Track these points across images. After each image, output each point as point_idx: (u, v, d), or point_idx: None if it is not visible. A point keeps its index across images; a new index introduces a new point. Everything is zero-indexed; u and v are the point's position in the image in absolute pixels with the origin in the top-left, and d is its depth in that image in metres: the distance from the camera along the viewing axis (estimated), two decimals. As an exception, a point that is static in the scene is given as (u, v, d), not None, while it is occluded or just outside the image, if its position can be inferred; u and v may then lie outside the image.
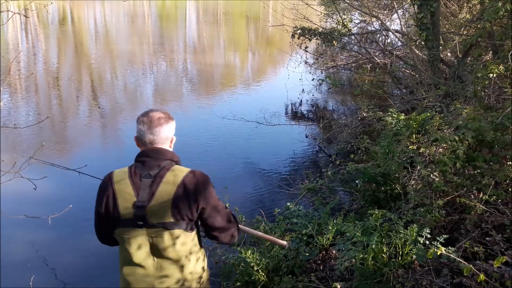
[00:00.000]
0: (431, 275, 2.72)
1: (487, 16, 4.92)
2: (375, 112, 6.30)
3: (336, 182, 4.97)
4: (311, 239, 3.58)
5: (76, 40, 17.21)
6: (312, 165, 6.57)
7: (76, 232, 4.49)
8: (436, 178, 3.34)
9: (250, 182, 5.88)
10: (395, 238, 2.84)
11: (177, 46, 17.51)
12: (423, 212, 3.23)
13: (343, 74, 11.49)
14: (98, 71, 12.20)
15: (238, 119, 7.47)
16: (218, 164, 6.30)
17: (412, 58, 8.02)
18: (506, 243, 2.86)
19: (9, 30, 16.77)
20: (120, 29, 21.16)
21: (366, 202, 4.34)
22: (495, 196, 3.19)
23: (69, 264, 4.09)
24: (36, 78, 10.66)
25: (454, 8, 8.79)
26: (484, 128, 3.57)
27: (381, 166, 4.19)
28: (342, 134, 7.03)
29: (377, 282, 2.80)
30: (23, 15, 3.69)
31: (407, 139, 4.31)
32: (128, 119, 8.30)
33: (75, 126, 7.77)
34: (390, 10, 10.73)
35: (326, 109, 9.72)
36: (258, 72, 14.31)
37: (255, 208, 4.66)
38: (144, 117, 1.84)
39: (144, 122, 1.82)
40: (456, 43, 7.65)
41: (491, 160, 3.50)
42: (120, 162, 6.37)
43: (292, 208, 3.77)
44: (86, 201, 4.85)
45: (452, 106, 5.13)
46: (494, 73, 4.50)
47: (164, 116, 1.84)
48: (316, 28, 9.11)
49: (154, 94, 10.36)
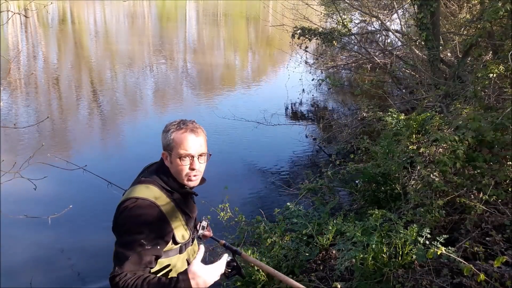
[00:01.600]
0: (431, 275, 2.72)
1: (487, 16, 4.92)
2: (375, 112, 6.30)
3: (336, 182, 4.97)
4: (311, 239, 3.58)
5: (76, 40, 17.21)
6: (312, 165, 6.56)
7: (76, 232, 4.49)
8: (436, 178, 3.34)
9: (250, 182, 5.88)
10: (395, 238, 2.84)
11: (177, 46, 17.51)
12: (423, 212, 3.23)
13: (343, 74, 11.50)
14: (98, 71, 12.20)
15: (238, 119, 7.47)
16: (218, 164, 6.30)
17: (412, 58, 8.02)
18: (506, 243, 2.86)
19: (9, 30, 16.76)
20: (120, 29, 21.16)
21: (366, 202, 4.34)
22: (495, 196, 3.20)
23: (69, 264, 4.08)
24: (36, 78, 10.65)
25: (454, 8, 8.80)
26: (484, 128, 3.57)
27: (381, 166, 4.19)
28: (342, 134, 7.04)
29: (377, 282, 2.80)
30: (23, 15, 3.69)
31: (407, 139, 4.31)
32: (128, 119, 8.30)
33: (75, 126, 7.77)
34: (390, 10, 10.73)
35: (326, 109, 9.72)
36: (258, 72, 14.31)
37: (255, 208, 4.66)
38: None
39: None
40: (456, 43, 7.66)
41: (491, 160, 3.51)
42: (120, 162, 6.40)
43: (292, 208, 3.77)
44: (86, 201, 4.89)
45: (452, 106, 5.13)
46: (494, 73, 4.50)
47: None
48: (316, 28, 9.11)
49: (154, 94, 10.36)
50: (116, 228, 1.54)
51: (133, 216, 1.51)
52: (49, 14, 21.21)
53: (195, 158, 1.61)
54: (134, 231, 1.49)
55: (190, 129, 1.61)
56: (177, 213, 1.61)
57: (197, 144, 1.61)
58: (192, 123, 1.65)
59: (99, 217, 4.53)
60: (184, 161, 1.59)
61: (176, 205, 1.61)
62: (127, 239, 1.48)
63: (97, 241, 4.18)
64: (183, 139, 1.59)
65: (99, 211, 4.65)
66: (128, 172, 1.81)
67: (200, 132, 1.64)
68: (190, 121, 1.66)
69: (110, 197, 1.75)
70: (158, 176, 1.62)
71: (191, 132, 1.61)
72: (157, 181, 1.60)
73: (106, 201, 1.74)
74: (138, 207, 1.51)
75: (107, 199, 1.86)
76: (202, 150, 1.64)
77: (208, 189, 2.47)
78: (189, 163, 1.60)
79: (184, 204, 1.66)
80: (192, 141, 1.60)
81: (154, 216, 1.52)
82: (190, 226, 1.70)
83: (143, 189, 1.57)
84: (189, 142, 1.59)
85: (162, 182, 1.61)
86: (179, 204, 1.63)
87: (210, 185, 1.86)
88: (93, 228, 4.45)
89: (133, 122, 8.22)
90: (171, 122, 1.66)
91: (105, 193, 3.75)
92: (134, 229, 1.49)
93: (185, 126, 1.61)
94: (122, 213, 1.53)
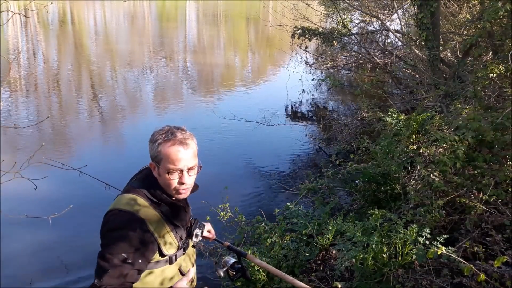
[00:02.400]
0: (431, 275, 2.72)
1: (487, 16, 4.92)
2: (375, 112, 6.30)
3: (336, 182, 4.97)
4: (311, 239, 3.58)
5: (76, 40, 17.21)
6: (312, 165, 6.56)
7: (76, 231, 4.49)
8: (436, 178, 3.34)
9: (250, 182, 5.88)
10: (395, 238, 2.84)
11: (177, 46, 17.52)
12: (423, 212, 3.23)
13: (343, 74, 11.49)
14: (98, 71, 12.20)
15: (238, 119, 7.47)
16: (218, 164, 6.30)
17: (412, 58, 8.03)
18: (506, 243, 2.86)
19: (9, 30, 16.76)
20: (120, 29, 21.16)
21: (366, 202, 4.34)
22: (495, 196, 3.20)
23: (69, 264, 4.09)
24: (36, 78, 10.66)
25: (454, 8, 8.79)
26: (484, 128, 3.57)
27: (381, 166, 4.19)
28: (342, 134, 7.04)
29: (377, 282, 2.80)
30: (23, 15, 3.69)
31: (407, 139, 4.31)
32: (128, 119, 8.30)
33: (75, 126, 7.77)
34: (390, 10, 10.74)
35: (326, 109, 9.72)
36: (258, 72, 14.31)
37: (255, 208, 4.66)
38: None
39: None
40: (456, 43, 7.66)
41: (491, 160, 3.51)
42: (120, 162, 6.39)
43: (292, 208, 3.77)
44: (86, 201, 4.88)
45: (452, 106, 5.13)
46: (494, 73, 4.51)
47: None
48: (316, 28, 9.12)
49: (154, 94, 10.36)
50: (100, 239, 1.51)
51: (114, 230, 1.47)
52: (49, 14, 21.21)
53: (185, 172, 1.52)
54: (114, 245, 1.44)
55: (178, 141, 1.50)
56: (163, 225, 1.54)
57: (187, 157, 1.51)
58: (182, 133, 1.53)
59: (99, 217, 4.52)
60: (173, 176, 1.51)
61: (163, 217, 1.55)
62: (107, 252, 1.44)
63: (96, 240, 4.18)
64: (171, 153, 1.49)
65: (99, 211, 4.65)
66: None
67: (190, 142, 1.54)
68: (180, 130, 1.55)
69: (110, 197, 1.74)
70: (144, 187, 1.55)
71: (179, 144, 1.50)
72: (144, 192, 1.54)
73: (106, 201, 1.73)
74: (120, 220, 1.47)
75: (107, 199, 1.85)
76: (192, 163, 1.54)
77: (208, 189, 2.47)
78: (178, 178, 1.52)
79: (173, 215, 1.59)
80: (181, 155, 1.50)
81: (136, 230, 1.46)
82: (179, 237, 1.63)
83: (128, 200, 1.52)
84: (178, 155, 1.49)
85: (148, 194, 1.54)
86: (167, 215, 1.56)
87: (210, 185, 1.86)
88: (92, 227, 4.44)
89: (133, 122, 8.22)
90: (159, 130, 1.55)
91: (105, 192, 3.76)
92: (114, 243, 1.44)
93: (173, 137, 1.50)
94: (105, 225, 1.50)
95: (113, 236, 1.47)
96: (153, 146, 1.52)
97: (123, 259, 1.43)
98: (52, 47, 15.44)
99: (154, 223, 1.51)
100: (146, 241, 1.48)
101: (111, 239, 1.46)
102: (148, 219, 1.50)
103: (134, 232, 1.46)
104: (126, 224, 1.47)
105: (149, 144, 1.54)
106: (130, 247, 1.44)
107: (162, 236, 1.53)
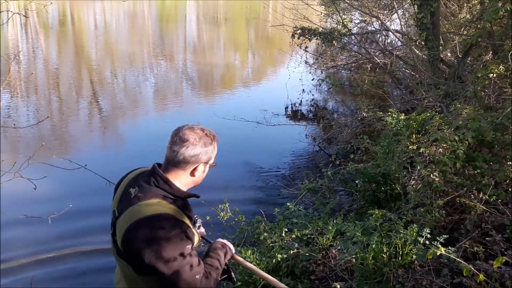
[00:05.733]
0: (431, 275, 2.72)
1: (487, 16, 4.92)
2: (375, 112, 6.30)
3: (336, 182, 4.97)
4: (311, 239, 3.57)
5: (76, 40, 17.20)
6: (312, 165, 6.56)
7: (76, 231, 4.49)
8: (436, 178, 3.34)
9: (250, 182, 5.88)
10: (395, 238, 2.84)
11: (177, 46, 17.51)
12: (423, 212, 3.23)
13: (343, 74, 11.50)
14: (98, 71, 12.19)
15: (238, 119, 7.47)
16: (218, 164, 6.29)
17: (412, 58, 8.02)
18: (506, 243, 2.85)
19: (9, 30, 16.76)
20: (120, 29, 21.15)
21: (366, 202, 4.34)
22: (495, 196, 3.19)
23: (69, 264, 4.08)
24: (36, 78, 10.66)
25: (454, 8, 8.79)
26: (484, 128, 3.57)
27: (381, 166, 4.19)
28: (342, 134, 7.03)
29: (377, 282, 2.80)
30: (23, 15, 3.69)
31: (407, 139, 4.31)
32: (128, 119, 8.30)
33: (75, 126, 7.77)
34: (390, 10, 10.73)
35: (326, 109, 9.72)
36: (258, 72, 14.30)
37: (255, 208, 4.66)
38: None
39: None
40: (456, 43, 7.66)
41: (491, 160, 3.50)
42: (120, 161, 6.39)
43: (292, 208, 3.77)
44: (86, 201, 4.88)
45: (452, 106, 5.13)
46: (494, 73, 4.51)
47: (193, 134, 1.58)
48: (316, 28, 9.11)
49: (154, 94, 10.36)
50: (150, 252, 1.39)
51: (160, 234, 1.42)
52: (49, 14, 21.21)
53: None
54: (175, 244, 1.43)
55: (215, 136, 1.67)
56: (185, 218, 1.57)
57: None
58: (207, 129, 1.67)
59: (100, 217, 4.52)
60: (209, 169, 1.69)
61: (182, 212, 1.58)
62: (173, 254, 1.41)
63: (96, 240, 4.19)
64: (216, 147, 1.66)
65: (99, 211, 4.65)
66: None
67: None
68: (201, 127, 1.64)
69: (110, 197, 1.74)
70: (158, 187, 1.54)
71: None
72: (159, 193, 1.53)
73: (106, 200, 1.72)
74: (160, 225, 1.44)
75: (107, 199, 1.85)
76: None
77: (208, 189, 2.47)
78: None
79: (187, 209, 1.63)
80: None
81: (180, 224, 1.49)
82: (196, 228, 1.71)
83: (154, 204, 1.50)
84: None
85: (164, 192, 1.54)
86: (182, 209, 1.59)
87: (210, 185, 1.86)
88: (92, 227, 4.44)
89: (133, 122, 8.22)
90: (204, 131, 1.60)
91: (105, 192, 3.76)
92: (173, 241, 1.43)
93: (214, 134, 1.65)
94: (148, 234, 1.42)
95: (168, 239, 1.43)
96: (207, 149, 1.59)
97: (188, 250, 1.47)
98: (52, 47, 15.44)
99: (180, 217, 1.54)
100: (187, 233, 1.49)
101: (170, 241, 1.43)
102: (177, 215, 1.53)
103: (181, 227, 1.48)
104: (171, 222, 1.47)
105: (203, 149, 1.57)
106: (185, 240, 1.47)
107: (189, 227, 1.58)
